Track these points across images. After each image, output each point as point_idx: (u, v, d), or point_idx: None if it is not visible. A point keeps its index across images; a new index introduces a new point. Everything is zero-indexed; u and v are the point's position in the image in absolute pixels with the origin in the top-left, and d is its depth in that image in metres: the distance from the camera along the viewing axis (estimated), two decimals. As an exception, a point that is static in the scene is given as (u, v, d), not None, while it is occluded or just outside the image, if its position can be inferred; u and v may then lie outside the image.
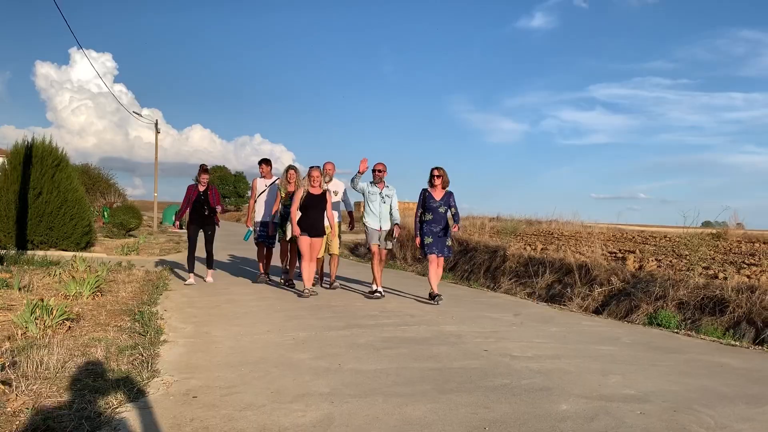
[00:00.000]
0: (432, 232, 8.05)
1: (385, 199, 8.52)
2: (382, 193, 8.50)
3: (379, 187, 8.51)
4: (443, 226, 8.09)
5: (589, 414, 3.44)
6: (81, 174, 26.62)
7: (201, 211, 9.22)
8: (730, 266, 8.37)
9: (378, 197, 8.48)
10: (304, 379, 4.03)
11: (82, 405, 3.29)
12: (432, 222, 8.06)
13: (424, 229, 8.09)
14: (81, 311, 6.08)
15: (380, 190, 8.49)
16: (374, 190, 8.51)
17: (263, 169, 9.81)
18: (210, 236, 9.42)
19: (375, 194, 8.49)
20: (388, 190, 8.59)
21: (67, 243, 13.81)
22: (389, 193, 8.60)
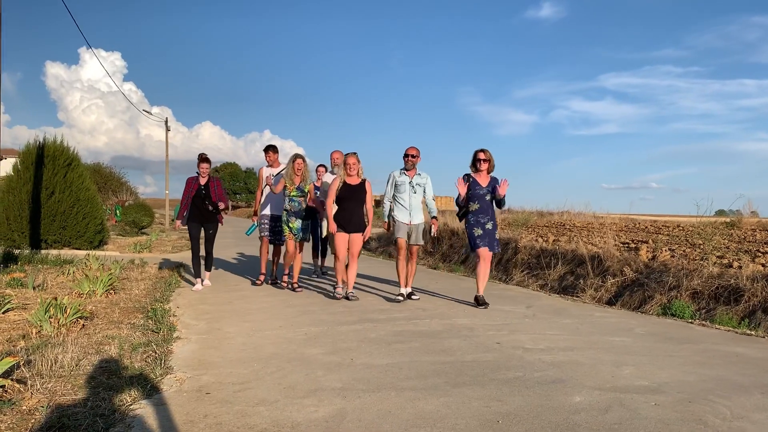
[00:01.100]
0: (480, 223, 7.11)
1: (416, 189, 7.57)
2: (413, 182, 7.56)
3: (410, 175, 7.57)
4: (491, 216, 7.17)
5: (602, 406, 3.42)
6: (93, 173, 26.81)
7: (202, 206, 8.29)
8: (745, 255, 8.28)
9: (408, 186, 7.54)
10: (317, 374, 4.03)
11: (97, 402, 3.31)
12: (479, 212, 7.12)
13: (470, 221, 7.15)
14: (94, 309, 6.12)
15: (410, 179, 7.56)
16: (404, 178, 7.58)
17: (269, 156, 9.01)
18: (211, 235, 8.49)
19: (404, 183, 7.56)
20: (419, 178, 7.64)
21: (80, 242, 13.92)
22: (421, 182, 7.65)
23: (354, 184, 7.42)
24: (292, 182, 8.10)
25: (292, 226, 8.13)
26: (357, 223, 7.42)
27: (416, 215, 7.58)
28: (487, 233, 7.09)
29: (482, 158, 7.15)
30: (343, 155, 8.39)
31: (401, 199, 7.57)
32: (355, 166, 7.36)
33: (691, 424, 3.14)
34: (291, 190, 8.10)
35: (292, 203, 8.11)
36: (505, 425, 3.11)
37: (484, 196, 7.12)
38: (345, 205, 7.39)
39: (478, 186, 7.14)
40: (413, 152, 7.60)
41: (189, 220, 8.35)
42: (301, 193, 8.13)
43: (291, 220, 8.13)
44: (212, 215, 8.37)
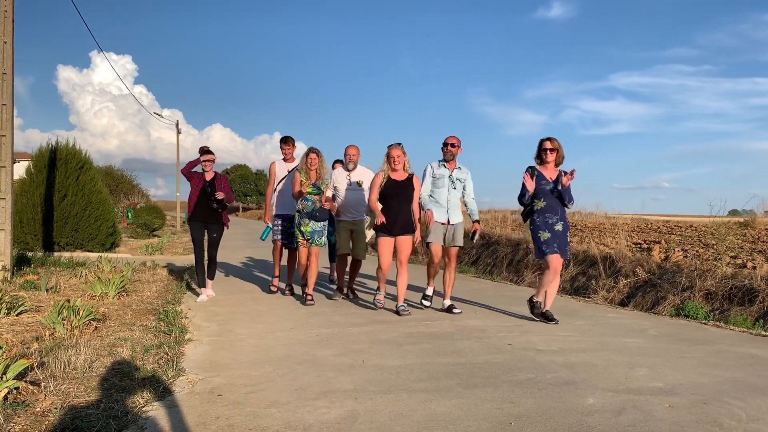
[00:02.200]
0: (547, 224, 6.03)
1: (456, 184, 6.68)
2: (453, 176, 6.66)
3: (449, 168, 6.68)
4: (561, 216, 6.09)
5: (616, 408, 3.39)
6: (104, 176, 27.01)
7: (207, 204, 7.39)
8: (759, 255, 8.21)
9: (446, 181, 6.64)
10: (328, 375, 4.03)
11: (110, 404, 3.32)
12: (546, 211, 6.05)
13: (536, 221, 6.09)
14: (107, 311, 6.15)
15: (450, 172, 6.67)
16: (443, 171, 6.67)
17: (285, 150, 8.12)
18: (215, 239, 7.53)
19: (443, 177, 6.65)
20: (460, 172, 6.74)
21: (93, 244, 14.00)
22: (462, 177, 6.74)
23: (400, 180, 6.47)
24: (307, 178, 7.17)
25: (304, 229, 7.10)
26: (404, 224, 6.46)
27: (454, 214, 6.70)
28: (556, 236, 6.03)
29: (549, 147, 6.05)
30: (356, 150, 7.79)
31: (438, 194, 6.68)
32: (400, 158, 6.43)
33: (706, 426, 3.10)
34: (306, 186, 7.12)
35: (305, 202, 7.10)
36: (517, 427, 3.09)
37: (552, 192, 6.07)
38: (390, 204, 6.43)
39: (544, 180, 6.08)
40: (454, 141, 6.66)
41: (191, 219, 7.51)
42: (317, 191, 7.14)
43: (303, 222, 7.11)
44: (217, 216, 7.47)
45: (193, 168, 7.48)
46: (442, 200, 6.67)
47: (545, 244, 6.02)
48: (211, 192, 7.38)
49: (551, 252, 5.99)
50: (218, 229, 7.54)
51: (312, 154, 7.23)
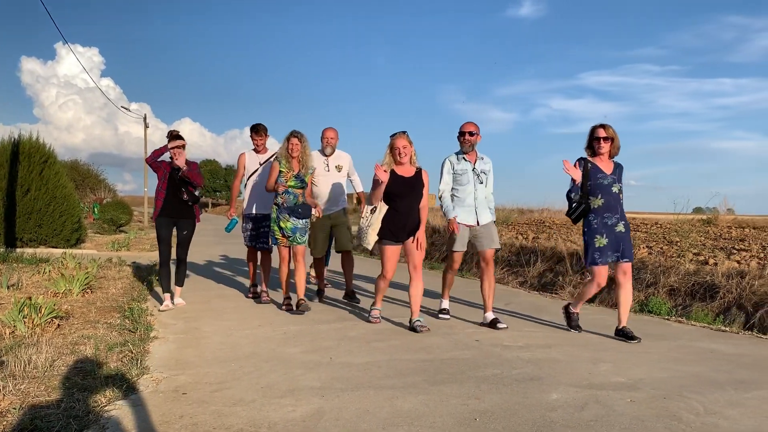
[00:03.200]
0: (606, 226, 5.16)
1: (482, 177, 5.82)
2: (477, 169, 5.80)
3: (471, 160, 5.79)
4: (621, 215, 5.23)
5: (579, 403, 3.44)
6: (70, 170, 26.53)
7: (177, 196, 6.40)
8: (721, 252, 8.40)
9: (471, 176, 5.77)
10: (295, 373, 4.01)
11: (71, 404, 3.27)
12: (605, 210, 5.17)
13: (592, 223, 5.19)
14: (70, 309, 6.04)
15: (473, 164, 5.79)
16: (464, 165, 5.78)
17: (257, 141, 7.14)
18: (185, 237, 6.55)
19: (466, 172, 5.77)
20: (483, 163, 5.87)
21: (57, 240, 13.74)
22: (486, 168, 5.88)
23: (408, 176, 5.50)
24: (289, 168, 6.20)
25: (284, 225, 6.20)
26: (414, 227, 5.56)
27: (483, 212, 5.84)
28: (618, 239, 5.16)
29: (602, 136, 5.19)
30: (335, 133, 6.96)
31: (462, 193, 5.79)
32: (407, 150, 5.44)
33: (666, 420, 3.17)
34: (288, 178, 6.18)
35: (286, 196, 6.17)
36: (482, 423, 3.12)
37: (610, 187, 5.19)
38: (397, 206, 5.48)
39: (601, 173, 5.20)
40: (472, 128, 5.74)
41: (158, 214, 6.48)
42: (300, 183, 6.23)
43: (283, 218, 6.19)
44: (188, 209, 6.52)
45: (159, 156, 6.36)
46: (468, 199, 5.78)
47: (599, 252, 5.15)
48: (183, 181, 6.37)
49: (602, 262, 5.15)
50: (189, 225, 6.58)
51: (294, 138, 6.19)
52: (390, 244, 5.55)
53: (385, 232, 5.52)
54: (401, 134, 5.49)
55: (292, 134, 6.23)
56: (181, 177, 6.35)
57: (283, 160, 6.24)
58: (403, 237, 5.55)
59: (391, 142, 5.50)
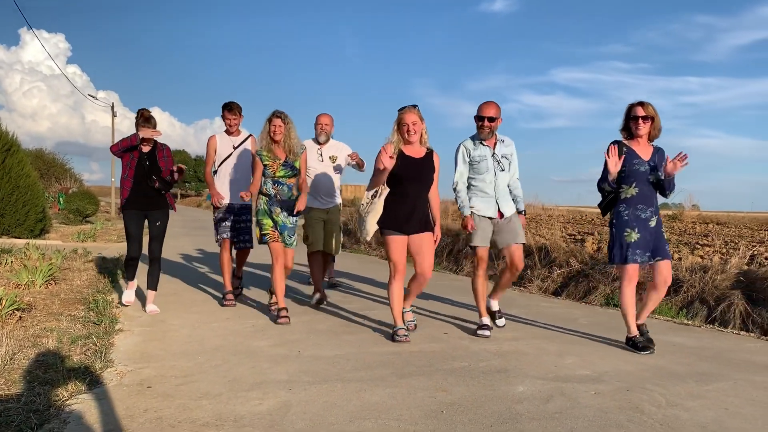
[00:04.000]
0: (639, 219, 4.54)
1: (503, 163, 5.10)
2: (497, 154, 5.10)
3: (490, 145, 5.10)
4: (656, 208, 4.61)
5: (544, 395, 3.48)
6: (34, 159, 25.96)
7: (145, 184, 5.60)
8: (685, 247, 8.57)
9: (491, 162, 5.07)
10: (263, 366, 3.99)
11: (31, 398, 3.20)
12: (639, 200, 4.55)
13: (622, 214, 4.58)
14: (33, 300, 5.92)
15: (492, 150, 5.10)
16: (482, 151, 5.08)
17: (230, 120, 6.14)
18: (159, 229, 5.72)
19: (485, 158, 5.06)
20: (504, 146, 5.16)
21: (20, 230, 13.45)
22: (508, 152, 5.17)
23: (418, 157, 4.78)
24: (273, 156, 5.36)
25: (277, 219, 5.42)
26: (422, 218, 4.81)
27: (506, 203, 5.15)
28: (650, 234, 4.54)
29: (641, 115, 4.50)
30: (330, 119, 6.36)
31: (481, 182, 5.10)
32: (417, 126, 4.69)
33: (628, 412, 3.23)
34: (275, 168, 5.37)
35: (278, 187, 5.40)
36: (449, 415, 3.14)
37: (646, 176, 4.53)
38: (403, 191, 4.73)
39: (637, 159, 4.54)
40: (491, 112, 4.99)
41: (125, 206, 5.69)
42: (291, 172, 5.43)
43: (275, 210, 5.42)
44: (160, 198, 5.71)
45: (124, 148, 5.54)
46: (488, 188, 5.09)
47: (630, 247, 4.50)
48: (151, 167, 5.63)
49: (633, 260, 4.50)
50: (163, 216, 5.76)
51: (276, 119, 5.34)
52: (392, 233, 4.73)
53: (387, 220, 4.73)
54: (411, 108, 4.73)
55: (274, 114, 5.36)
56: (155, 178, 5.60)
57: (264, 152, 5.37)
58: (409, 229, 4.74)
59: (398, 117, 4.73)
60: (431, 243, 4.82)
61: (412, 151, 4.77)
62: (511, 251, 5.11)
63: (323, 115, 6.39)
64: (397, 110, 4.79)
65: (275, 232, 5.41)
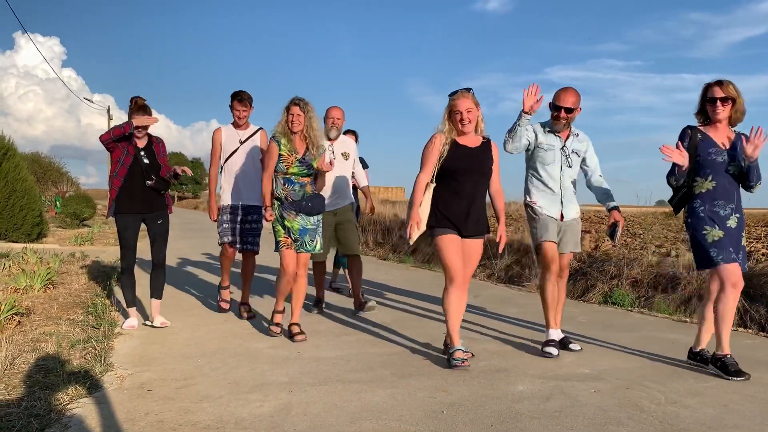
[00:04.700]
0: (718, 216, 3.91)
1: (572, 159, 4.53)
2: (567, 147, 4.52)
3: (562, 137, 4.53)
4: (737, 205, 3.98)
5: (544, 394, 3.49)
6: (31, 163, 25.91)
7: (140, 183, 4.97)
8: (682, 244, 8.59)
9: (558, 155, 4.49)
10: (263, 368, 3.99)
11: (32, 402, 3.20)
12: (717, 195, 3.92)
13: (697, 211, 3.95)
14: (31, 305, 5.90)
15: (563, 142, 4.53)
16: (551, 140, 4.50)
17: (239, 111, 5.55)
18: (161, 230, 5.16)
19: (552, 148, 4.49)
20: (577, 141, 4.58)
21: (17, 234, 13.41)
22: (580, 149, 4.58)
23: (473, 147, 4.16)
24: (292, 149, 4.74)
25: (290, 225, 4.76)
26: (478, 219, 4.18)
27: (570, 204, 4.58)
28: (730, 235, 3.89)
29: (720, 96, 3.87)
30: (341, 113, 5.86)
31: (545, 174, 4.52)
32: (471, 114, 4.06)
33: (628, 410, 3.24)
34: (290, 164, 4.72)
35: (290, 186, 4.74)
36: (449, 415, 3.15)
37: (725, 166, 3.91)
38: (458, 185, 4.12)
39: (714, 147, 3.93)
40: (570, 102, 4.40)
41: (118, 210, 5.01)
42: (306, 170, 4.76)
43: (288, 215, 4.76)
44: (158, 200, 5.13)
45: (117, 137, 4.90)
46: (552, 183, 4.50)
47: (716, 246, 3.82)
48: (150, 165, 5.00)
49: (727, 258, 3.79)
50: (162, 217, 5.18)
51: (294, 107, 4.70)
52: (447, 232, 4.10)
53: (439, 218, 4.11)
54: (464, 93, 4.10)
55: (293, 102, 4.71)
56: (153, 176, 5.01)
57: (282, 139, 4.74)
58: (465, 229, 4.13)
59: (450, 103, 4.13)
60: (480, 251, 4.26)
61: (467, 140, 4.16)
62: (563, 259, 4.62)
63: (334, 108, 5.89)
64: (447, 96, 4.17)
65: (288, 239, 4.78)
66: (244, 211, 5.59)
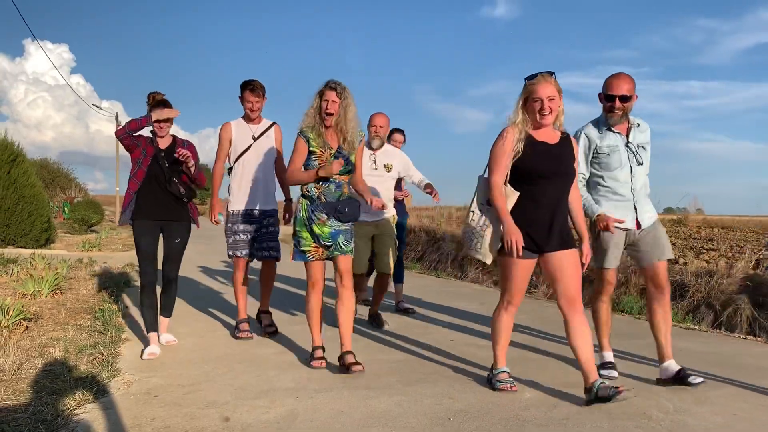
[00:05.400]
0: None
1: (640, 155, 3.91)
2: (632, 143, 3.91)
3: (621, 131, 3.92)
4: None
5: (551, 401, 3.48)
6: (39, 169, 26.10)
7: (160, 188, 4.45)
8: (690, 251, 8.55)
9: (623, 153, 3.88)
10: (269, 374, 3.99)
11: (39, 407, 3.21)
12: None
13: None
14: (39, 310, 5.94)
15: (625, 138, 3.91)
16: (612, 139, 3.89)
17: (251, 102, 4.92)
18: (177, 248, 4.61)
19: (615, 149, 3.87)
20: (640, 132, 3.98)
21: (26, 240, 13.51)
22: (645, 139, 3.99)
23: (553, 143, 3.49)
24: (323, 143, 4.00)
25: (319, 231, 4.01)
26: (563, 229, 3.50)
27: (646, 208, 3.96)
28: None
29: None
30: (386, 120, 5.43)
31: (612, 180, 3.90)
32: (554, 104, 3.38)
33: (636, 419, 3.22)
34: (325, 160, 3.97)
35: (326, 185, 4.00)
36: (456, 422, 3.13)
37: None
38: (537, 191, 3.44)
39: None
40: (624, 89, 3.81)
41: (137, 215, 4.47)
42: (345, 167, 4.00)
43: (317, 217, 4.00)
44: (181, 208, 4.58)
45: (137, 131, 4.42)
46: (622, 188, 3.91)
47: None
48: (172, 168, 4.46)
49: None
50: (183, 231, 4.61)
51: (329, 92, 3.93)
52: (524, 256, 3.42)
53: (515, 242, 3.36)
54: (546, 77, 3.40)
55: (328, 86, 3.96)
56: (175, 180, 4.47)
57: (311, 133, 4.00)
58: (547, 245, 3.45)
59: (527, 89, 3.44)
60: (577, 263, 3.52)
61: (545, 135, 3.47)
62: (655, 269, 3.92)
63: (378, 115, 5.39)
64: (524, 79, 3.48)
65: (319, 248, 4.04)
66: (260, 217, 5.00)
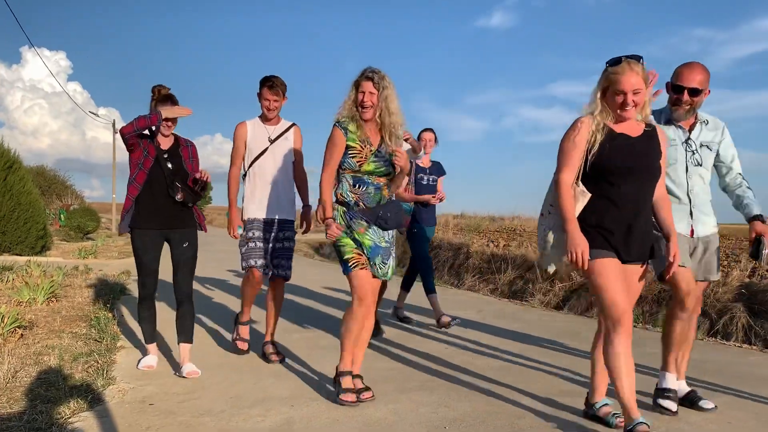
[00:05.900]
0: None
1: (702, 155, 3.48)
2: (693, 141, 3.48)
3: (685, 126, 3.49)
4: None
5: (547, 410, 3.48)
6: (35, 176, 26.04)
7: (162, 192, 4.01)
8: (686, 260, 8.58)
9: (681, 150, 3.46)
10: (265, 383, 3.98)
11: (33, 416, 3.19)
12: None
13: None
14: (34, 318, 5.91)
15: (687, 133, 3.49)
16: (673, 132, 3.45)
17: (269, 100, 4.43)
18: (187, 254, 4.17)
19: (674, 144, 3.43)
20: (707, 130, 3.52)
21: (21, 247, 13.47)
22: (710, 140, 3.51)
23: (635, 136, 3.00)
24: (363, 139, 3.50)
25: (364, 241, 3.52)
26: (645, 237, 3.03)
27: (703, 216, 3.53)
28: None
29: None
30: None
31: (666, 179, 3.34)
32: (639, 97, 2.90)
33: (632, 427, 3.21)
34: (365, 158, 3.49)
35: (363, 188, 3.52)
36: (452, 431, 3.13)
37: None
38: (615, 190, 2.96)
39: None
40: (696, 81, 3.35)
41: (135, 224, 4.06)
42: (384, 167, 3.54)
43: (357, 225, 3.52)
44: (184, 214, 4.15)
45: (146, 128, 4.00)
46: (678, 189, 3.48)
47: None
48: (175, 169, 4.05)
49: None
50: (191, 237, 4.19)
51: (367, 82, 3.44)
52: (605, 254, 2.94)
53: (592, 234, 2.94)
54: (632, 64, 2.90)
55: (364, 76, 3.47)
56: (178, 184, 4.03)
57: (350, 125, 3.51)
58: (627, 252, 2.98)
59: (607, 77, 2.96)
60: (643, 283, 3.19)
61: (627, 127, 3.01)
62: (697, 290, 3.60)
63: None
64: (605, 64, 2.99)
65: (362, 256, 3.53)
66: (277, 228, 4.52)
